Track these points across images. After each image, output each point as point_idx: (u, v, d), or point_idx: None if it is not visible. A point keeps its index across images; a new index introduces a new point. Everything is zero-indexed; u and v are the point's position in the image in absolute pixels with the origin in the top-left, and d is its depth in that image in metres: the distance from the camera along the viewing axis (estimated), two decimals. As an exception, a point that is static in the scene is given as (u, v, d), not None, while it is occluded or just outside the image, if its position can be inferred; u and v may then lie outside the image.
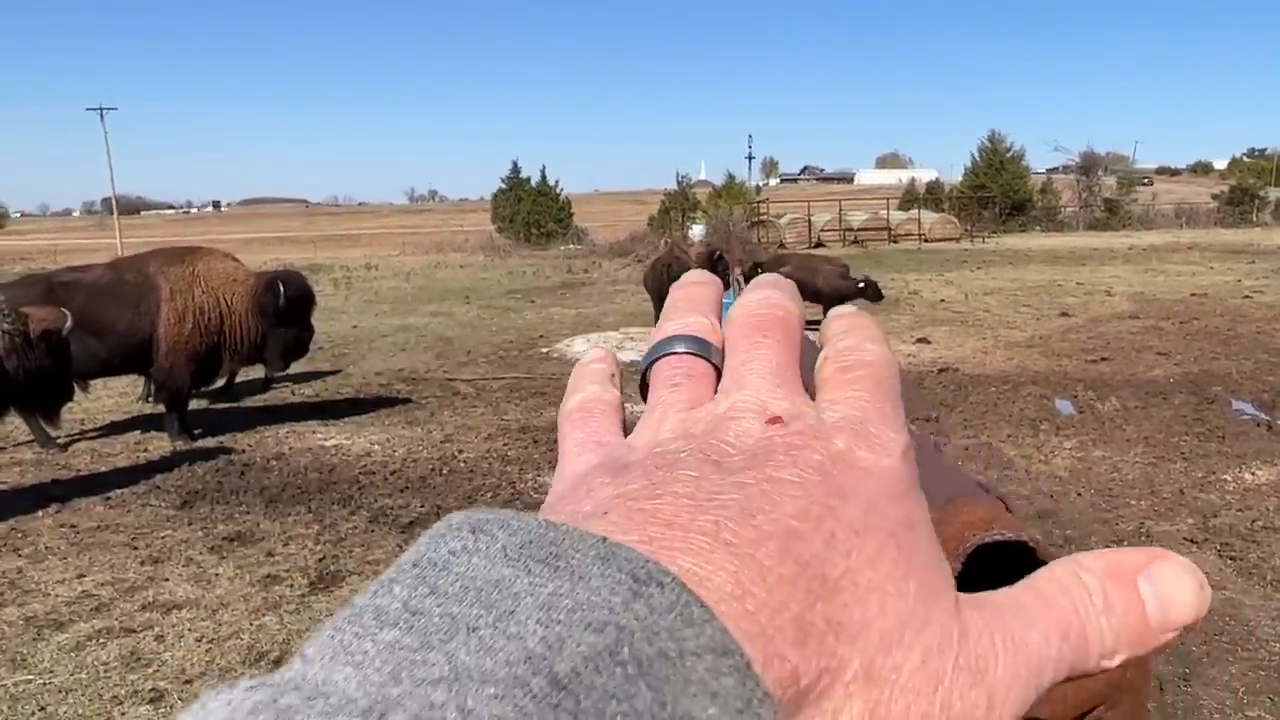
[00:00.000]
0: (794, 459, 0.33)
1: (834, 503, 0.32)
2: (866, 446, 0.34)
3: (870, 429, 0.35)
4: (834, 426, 0.35)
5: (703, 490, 0.31)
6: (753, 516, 0.30)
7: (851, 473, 0.33)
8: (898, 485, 0.34)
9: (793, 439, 0.34)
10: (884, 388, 0.37)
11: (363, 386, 12.26)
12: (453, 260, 41.65)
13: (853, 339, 0.40)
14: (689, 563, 0.28)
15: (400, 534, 6.72)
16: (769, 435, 0.34)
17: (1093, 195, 53.38)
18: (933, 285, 23.12)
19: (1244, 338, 14.14)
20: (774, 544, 0.30)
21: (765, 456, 0.33)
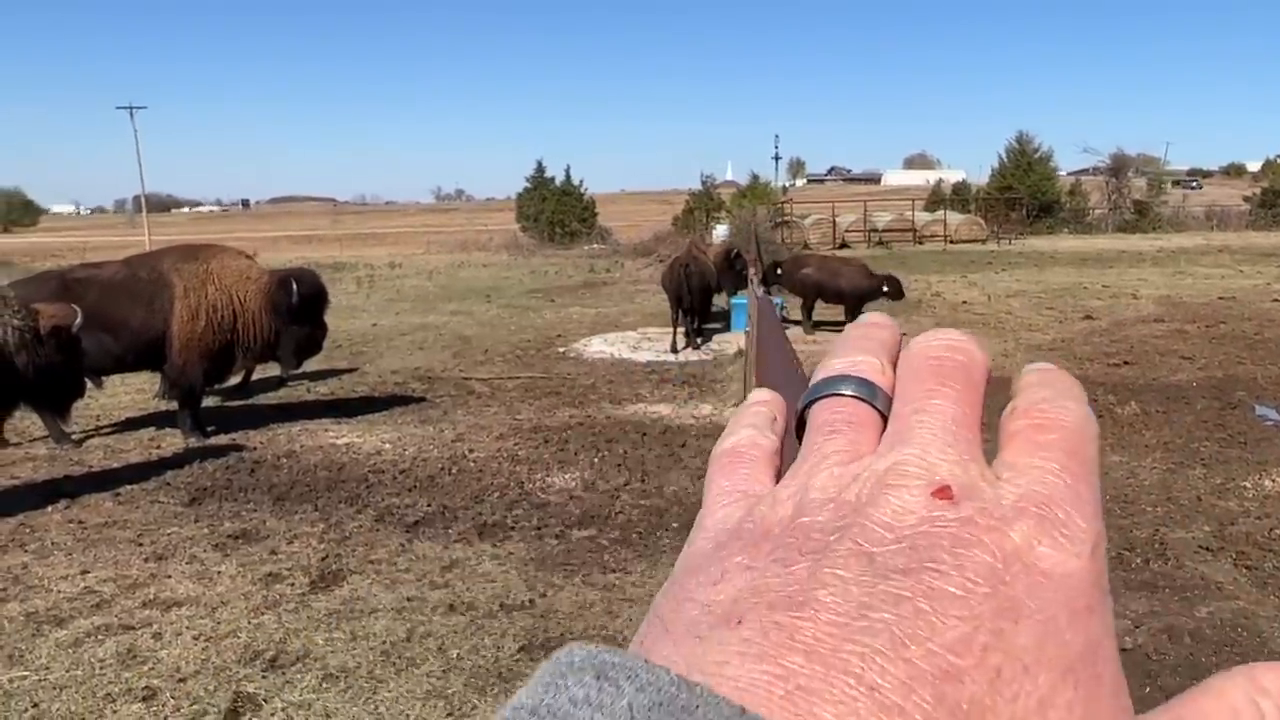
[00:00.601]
0: (960, 561, 0.29)
1: (1003, 625, 0.27)
2: (1050, 540, 0.29)
3: (1058, 514, 0.30)
4: (1013, 508, 0.30)
5: (851, 602, 0.28)
6: (905, 647, 0.26)
7: (1028, 579, 0.28)
8: (1081, 598, 0.29)
9: (961, 531, 0.29)
10: (1081, 459, 0.32)
11: (378, 385, 12.28)
12: (476, 259, 41.75)
13: (1050, 391, 0.35)
14: (831, 716, 0.25)
15: (405, 533, 6.70)
16: (934, 517, 0.30)
17: (1122, 197, 52.79)
18: (956, 287, 22.93)
19: (1271, 342, 13.91)
20: (927, 690, 0.26)
21: (927, 553, 0.29)
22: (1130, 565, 5.99)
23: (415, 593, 5.65)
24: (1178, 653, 4.84)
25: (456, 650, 4.90)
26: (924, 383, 0.35)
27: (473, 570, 6.01)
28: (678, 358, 14.05)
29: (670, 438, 9.20)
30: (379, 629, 5.14)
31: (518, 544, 6.48)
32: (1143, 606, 5.38)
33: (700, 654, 0.27)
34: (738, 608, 0.28)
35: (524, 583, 5.79)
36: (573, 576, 5.90)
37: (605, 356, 14.23)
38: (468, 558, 6.22)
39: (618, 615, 5.30)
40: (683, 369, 13.10)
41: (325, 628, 5.16)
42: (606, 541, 6.53)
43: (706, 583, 0.31)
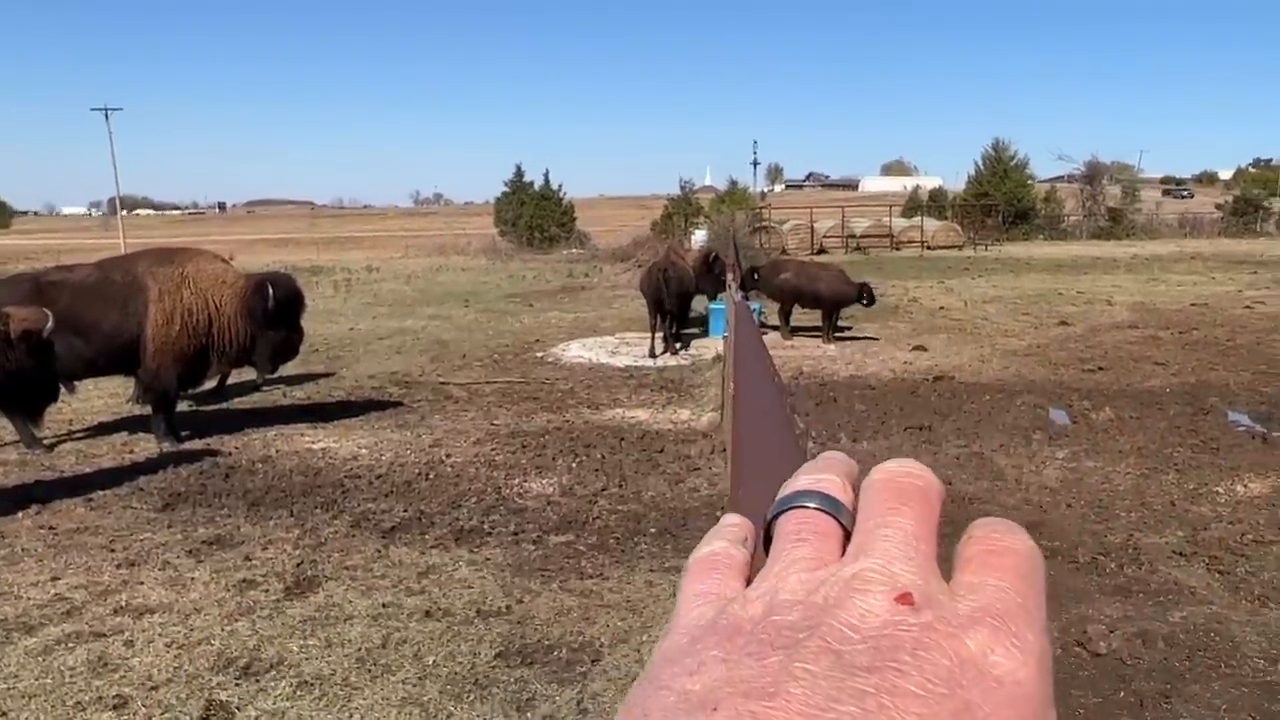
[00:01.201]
0: (920, 663, 0.31)
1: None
2: (1003, 649, 0.32)
3: (1010, 626, 0.33)
4: (970, 618, 0.33)
5: (819, 694, 0.29)
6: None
7: (982, 684, 0.30)
8: (1030, 705, 0.31)
9: (921, 635, 0.32)
10: (1031, 582, 0.35)
11: (355, 389, 12.21)
12: (455, 263, 41.59)
13: (1003, 527, 0.38)
14: None
15: (382, 539, 6.66)
16: (896, 621, 0.32)
17: (1096, 204, 53.21)
18: (933, 293, 23.04)
19: (1243, 348, 14.05)
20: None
21: (890, 654, 0.31)
22: (1105, 570, 6.03)
23: (391, 599, 5.61)
24: (1151, 657, 4.87)
25: (433, 657, 4.87)
26: (886, 501, 0.38)
27: (449, 576, 5.99)
28: (656, 363, 14.05)
29: (648, 443, 9.19)
30: (354, 635, 5.11)
31: (495, 549, 6.46)
32: (1117, 611, 5.42)
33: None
34: (713, 695, 0.30)
35: (501, 588, 5.77)
36: (550, 582, 5.88)
37: (583, 361, 14.22)
38: (444, 563, 6.20)
39: (594, 621, 5.29)
40: (661, 374, 13.09)
41: (300, 634, 5.12)
42: (584, 547, 6.51)
43: (682, 673, 0.32)
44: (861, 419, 10.07)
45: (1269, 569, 5.99)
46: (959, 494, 7.53)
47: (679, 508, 7.33)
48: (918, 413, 10.26)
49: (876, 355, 14.16)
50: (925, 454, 8.63)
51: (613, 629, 5.19)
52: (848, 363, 13.57)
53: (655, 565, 6.15)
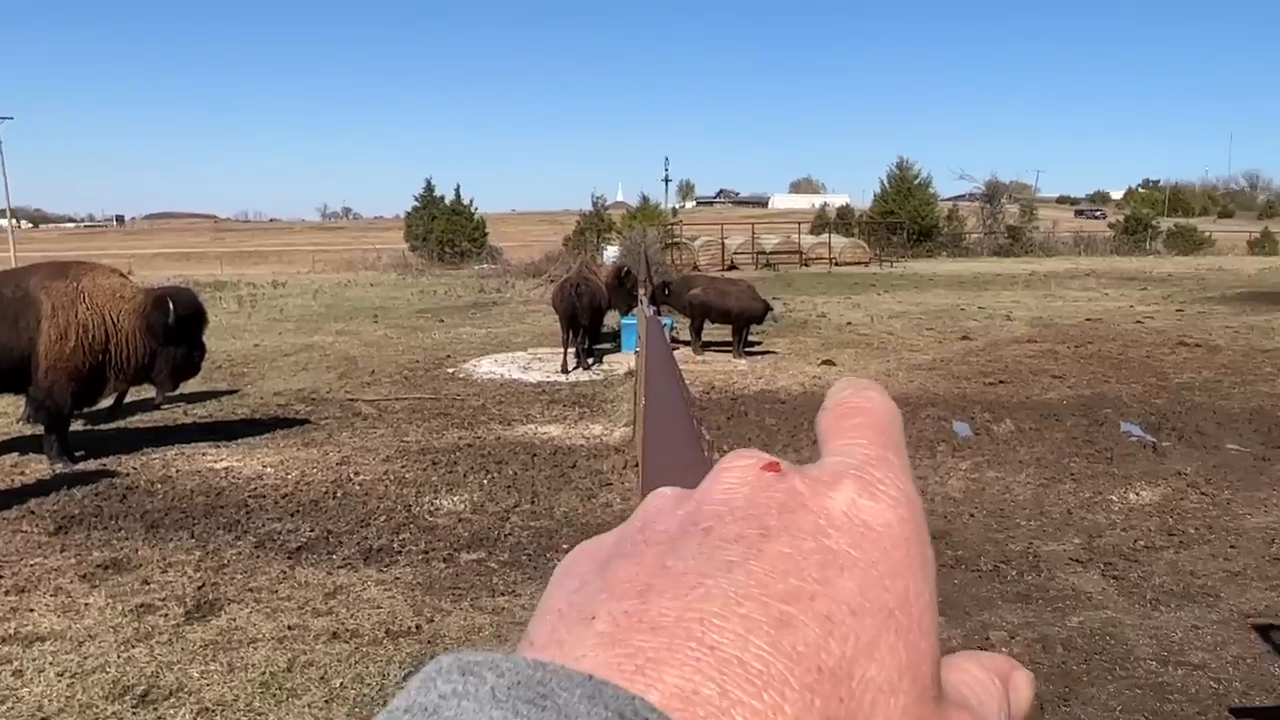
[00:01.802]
0: (786, 523, 0.31)
1: (829, 575, 0.30)
2: (869, 495, 0.33)
3: (874, 474, 0.33)
4: (833, 474, 0.33)
5: (689, 575, 0.30)
6: (739, 605, 0.29)
7: (851, 532, 0.31)
8: (900, 548, 0.32)
9: (787, 497, 0.32)
10: (888, 434, 0.36)
11: (259, 407, 11.93)
12: (363, 278, 40.99)
13: (850, 388, 0.39)
14: (675, 678, 0.27)
15: (287, 559, 6.51)
16: (763, 486, 0.33)
17: (996, 222, 54.91)
18: (840, 308, 23.47)
19: (1134, 362, 14.61)
20: (763, 639, 0.28)
21: (757, 520, 0.31)
22: (1006, 578, 6.20)
23: (297, 621, 5.49)
24: (1051, 662, 5.02)
25: (340, 679, 4.78)
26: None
27: (357, 596, 5.88)
28: (568, 378, 14.03)
29: (561, 458, 9.16)
30: (258, 659, 4.98)
31: (404, 568, 6.37)
32: (1017, 618, 5.57)
33: (562, 655, 0.29)
34: (590, 606, 0.31)
35: (410, 608, 5.69)
36: (461, 600, 5.82)
37: (495, 377, 14.12)
38: (352, 583, 6.08)
39: (507, 639, 5.25)
40: (573, 389, 13.08)
41: (201, 659, 4.97)
42: (496, 564, 6.46)
43: (563, 593, 0.33)
44: (772, 432, 10.19)
45: (1160, 573, 6.23)
46: (866, 505, 7.67)
47: (592, 523, 7.32)
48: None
49: (786, 370, 14.36)
50: (834, 467, 8.77)
51: (525, 646, 5.14)
52: (758, 377, 13.73)
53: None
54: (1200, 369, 13.92)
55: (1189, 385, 12.65)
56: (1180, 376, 13.32)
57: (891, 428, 0.37)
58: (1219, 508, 7.54)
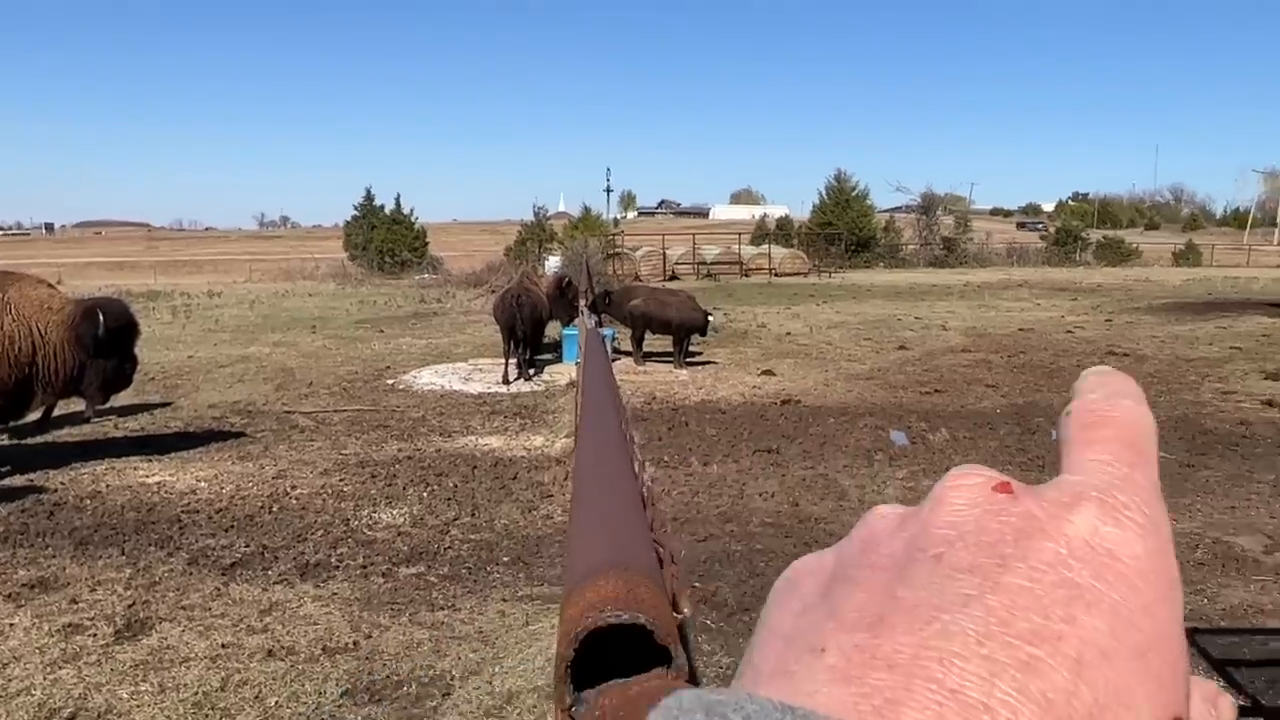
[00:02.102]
0: (1024, 552, 0.29)
1: (1075, 613, 0.27)
2: (1114, 522, 0.30)
3: (1119, 498, 0.31)
4: (1073, 496, 0.31)
5: (923, 608, 0.28)
6: (981, 645, 0.27)
7: (1095, 562, 0.29)
8: (1149, 582, 0.29)
9: (1023, 522, 0.30)
10: (1138, 450, 0.33)
11: (194, 420, 11.71)
12: (301, 288, 40.44)
13: (1103, 393, 0.36)
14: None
15: (221, 576, 6.40)
16: (996, 510, 0.31)
17: (932, 234, 55.83)
18: (780, 318, 23.68)
19: (1065, 370, 14.94)
20: (1009, 683, 0.26)
21: (991, 548, 0.29)
22: (941, 585, 6.30)
23: (231, 639, 5.40)
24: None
25: (275, 698, 4.70)
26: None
27: (294, 613, 5.80)
28: (509, 389, 13.97)
29: (501, 470, 9.13)
30: (191, 679, 4.89)
31: (342, 583, 6.29)
32: (952, 624, 5.66)
33: (793, 688, 0.28)
34: (818, 635, 0.29)
35: (348, 624, 5.62)
36: (400, 615, 5.76)
37: (435, 388, 14.02)
38: (288, 600, 6.00)
39: (446, 654, 5.21)
40: (514, 400, 13.03)
41: (131, 680, 4.87)
42: (435, 578, 6.41)
43: (788, 615, 0.32)
44: (712, 442, 10.25)
45: (1089, 579, 6.38)
46: (806, 514, 7.76)
47: (532, 535, 7.30)
48: (766, 435, 10.52)
49: (726, 380, 14.45)
50: (774, 476, 8.85)
51: (465, 661, 5.12)
52: (699, 387, 13.80)
53: (508, 594, 6.11)
54: (1128, 378, 14.27)
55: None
56: (1109, 385, 13.64)
57: (1143, 443, 0.34)
58: (1146, 514, 7.74)
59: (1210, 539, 7.11)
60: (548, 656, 5.07)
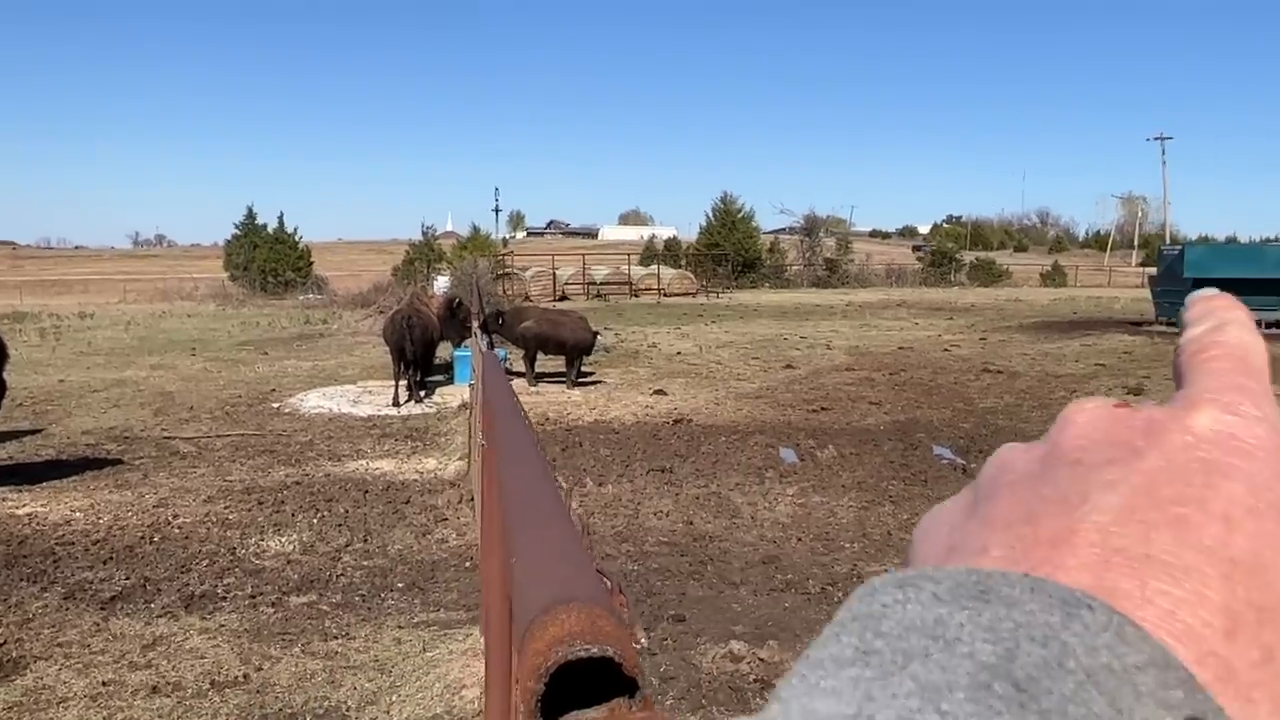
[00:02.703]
0: (1156, 443, 0.32)
1: (1214, 480, 0.30)
2: (1231, 412, 0.32)
3: (1231, 397, 0.33)
4: (1188, 402, 0.33)
5: (1072, 496, 0.31)
6: (1133, 513, 0.29)
7: (1221, 445, 0.31)
8: (1274, 455, 0.31)
9: (1147, 424, 0.33)
10: (1245, 366, 0.35)
11: (66, 447, 11.22)
12: (180, 309, 39.15)
13: (1209, 323, 0.37)
14: (1089, 579, 0.28)
15: (100, 610, 6.16)
16: (1118, 417, 0.34)
17: (815, 255, 57.24)
18: (670, 338, 23.91)
19: (944, 388, 15.49)
20: (1165, 537, 0.29)
21: (1124, 445, 0.32)
22: (834, 600, 6.45)
23: (113, 676, 5.20)
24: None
25: (162, 735, 4.55)
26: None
27: (179, 647, 5.62)
28: (400, 411, 13.79)
29: (394, 494, 9.00)
30: None
31: (230, 615, 6.12)
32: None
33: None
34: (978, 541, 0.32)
35: (237, 656, 5.47)
36: (291, 646, 5.64)
37: (323, 411, 13.74)
38: (173, 633, 5.81)
39: (341, 684, 5.12)
40: (405, 423, 12.87)
41: (5, 722, 4.65)
42: (328, 606, 6.29)
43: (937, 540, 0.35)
44: (606, 462, 10.30)
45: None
46: (700, 533, 7.86)
47: (427, 560, 7.22)
48: (659, 455, 10.62)
49: (619, 400, 14.53)
50: (668, 495, 8.95)
51: (360, 691, 5.04)
52: (592, 408, 13.84)
53: (404, 621, 6.03)
54: (1002, 394, 14.89)
55: (993, 410, 13.51)
56: (985, 401, 14.21)
57: (1251, 357, 0.35)
58: (1022, 525, 8.07)
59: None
60: (446, 684, 5.04)
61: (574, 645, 0.59)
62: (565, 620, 0.62)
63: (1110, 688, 0.24)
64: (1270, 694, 0.27)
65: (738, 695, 5.04)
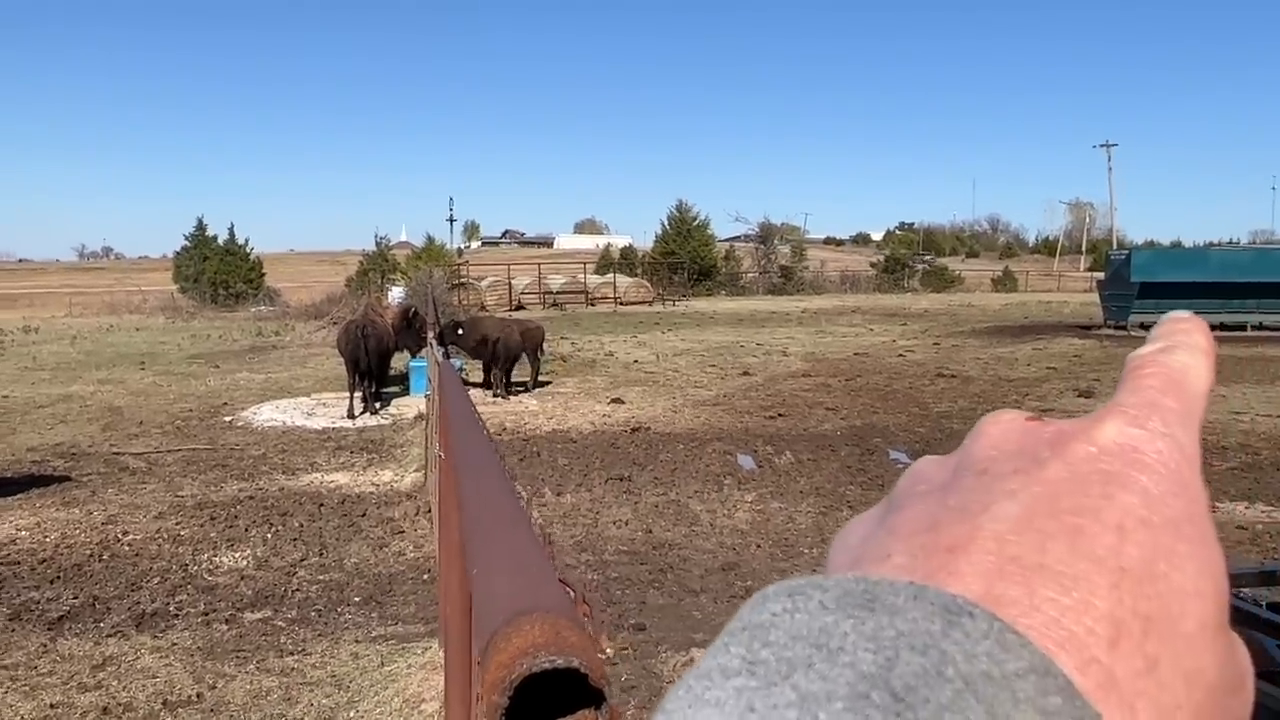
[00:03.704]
0: (1060, 453, 0.32)
1: (1112, 491, 0.31)
2: (1137, 425, 0.33)
3: (1142, 413, 0.34)
4: (1101, 414, 0.34)
5: (975, 505, 0.31)
6: (1031, 521, 0.30)
7: (1124, 457, 0.32)
8: (1171, 471, 0.32)
9: (1055, 434, 0.33)
10: (1178, 387, 0.35)
11: (11, 464, 10.97)
12: (128, 323, 38.48)
13: (1161, 344, 0.38)
14: (979, 585, 0.28)
15: (48, 631, 6.02)
16: (1030, 429, 0.35)
17: (770, 262, 57.59)
18: (627, 346, 23.92)
19: (899, 393, 15.63)
20: (1059, 546, 0.29)
21: (1030, 456, 0.33)
22: (791, 605, 6.47)
23: (61, 698, 5.08)
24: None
25: (113, 757, 4.45)
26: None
27: (130, 666, 5.50)
28: (355, 423, 13.65)
29: (349, 507, 8.90)
30: (17, 743, 4.58)
31: (182, 633, 6.01)
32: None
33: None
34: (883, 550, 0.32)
35: (190, 675, 5.37)
36: (246, 663, 5.54)
37: (277, 425, 13.56)
38: (124, 653, 5.69)
39: (297, 701, 5.04)
40: (361, 435, 12.74)
41: (-51, 748, 4.52)
42: (283, 622, 6.20)
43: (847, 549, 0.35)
44: (565, 472, 10.26)
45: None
46: (660, 540, 7.85)
47: (384, 573, 7.14)
48: (618, 463, 10.60)
49: (576, 409, 14.49)
50: (626, 504, 8.93)
51: (317, 707, 4.97)
52: (549, 417, 13.79)
53: (361, 635, 5.96)
54: (956, 398, 15.05)
55: (947, 414, 13.65)
56: (939, 405, 14.36)
57: (1186, 380, 0.36)
58: (978, 527, 8.15)
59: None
60: (405, 698, 4.98)
61: (538, 657, 0.58)
62: (529, 631, 0.61)
63: (988, 695, 0.24)
64: (1153, 703, 0.28)
65: (699, 703, 5.03)
